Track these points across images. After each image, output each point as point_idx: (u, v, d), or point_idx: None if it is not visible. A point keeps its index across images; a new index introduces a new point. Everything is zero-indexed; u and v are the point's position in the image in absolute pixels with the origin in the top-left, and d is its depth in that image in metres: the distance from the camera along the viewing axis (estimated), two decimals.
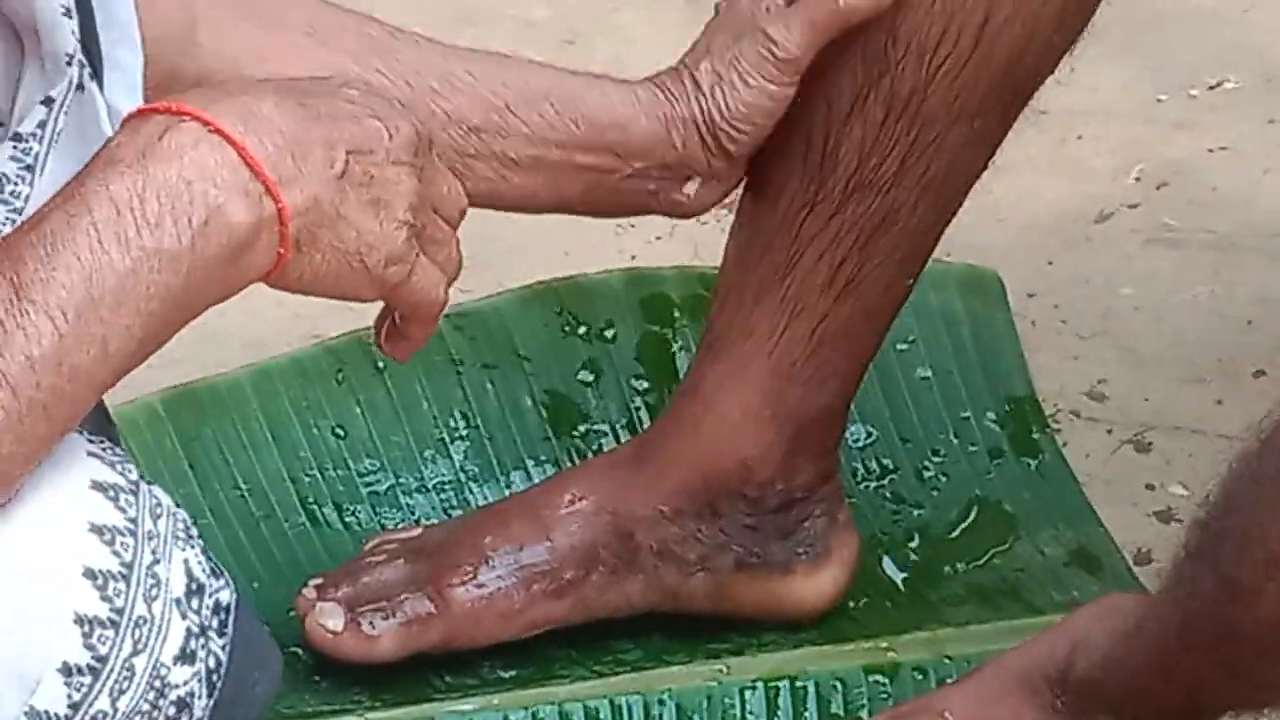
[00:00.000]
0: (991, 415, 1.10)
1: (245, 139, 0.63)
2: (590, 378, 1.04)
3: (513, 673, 0.95)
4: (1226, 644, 0.80)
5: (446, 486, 1.04)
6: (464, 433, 1.03)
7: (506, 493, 1.02)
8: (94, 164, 0.63)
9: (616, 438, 1.02)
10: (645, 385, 1.05)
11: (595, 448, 1.02)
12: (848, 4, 0.90)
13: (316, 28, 0.87)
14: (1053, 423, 1.18)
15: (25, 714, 0.63)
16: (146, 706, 0.65)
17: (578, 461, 1.03)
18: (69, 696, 0.63)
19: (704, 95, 0.88)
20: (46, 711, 0.62)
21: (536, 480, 1.01)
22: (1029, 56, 0.87)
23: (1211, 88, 1.54)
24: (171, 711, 0.65)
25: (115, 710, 0.63)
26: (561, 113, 0.89)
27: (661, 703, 0.94)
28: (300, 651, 0.91)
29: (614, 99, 0.90)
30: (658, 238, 1.31)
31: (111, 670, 0.63)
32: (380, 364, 0.98)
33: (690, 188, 0.91)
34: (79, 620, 0.62)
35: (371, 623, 0.92)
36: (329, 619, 0.91)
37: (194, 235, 0.61)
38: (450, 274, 0.72)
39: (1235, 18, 1.63)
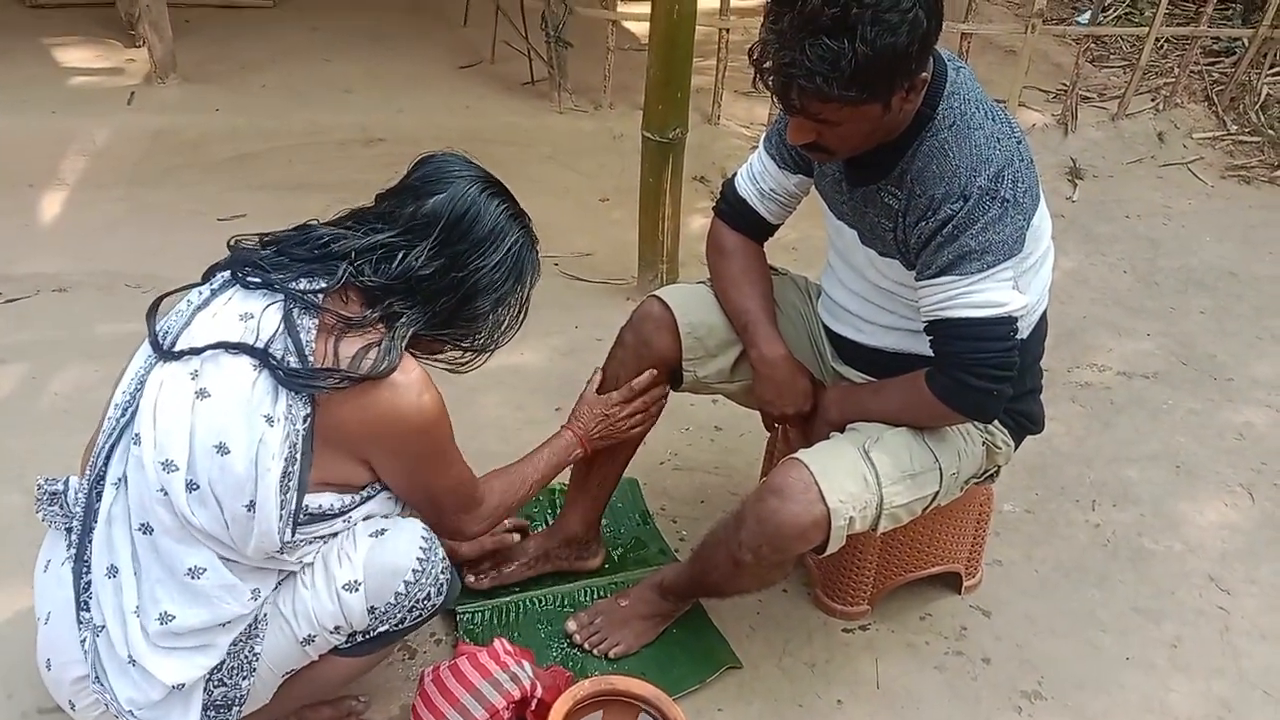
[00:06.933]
0: (639, 519, 2.65)
1: (578, 431, 2.17)
2: None
3: (517, 589, 2.35)
4: (704, 582, 2.13)
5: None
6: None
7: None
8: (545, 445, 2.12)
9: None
10: None
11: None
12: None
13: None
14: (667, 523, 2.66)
15: (397, 592, 1.71)
16: (434, 591, 1.77)
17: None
18: (412, 579, 1.71)
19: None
20: (408, 582, 1.70)
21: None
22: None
23: None
24: (437, 590, 1.77)
25: (423, 586, 1.73)
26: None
27: (555, 597, 2.36)
28: (461, 581, 2.14)
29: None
30: None
31: (426, 575, 1.74)
32: None
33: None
34: (416, 559, 1.72)
35: (477, 579, 2.37)
36: (470, 577, 2.38)
37: (566, 456, 2.15)
38: (620, 436, 2.22)
39: None
